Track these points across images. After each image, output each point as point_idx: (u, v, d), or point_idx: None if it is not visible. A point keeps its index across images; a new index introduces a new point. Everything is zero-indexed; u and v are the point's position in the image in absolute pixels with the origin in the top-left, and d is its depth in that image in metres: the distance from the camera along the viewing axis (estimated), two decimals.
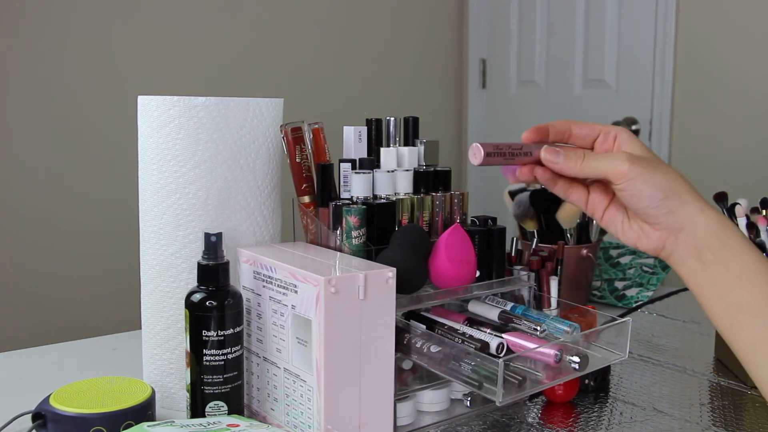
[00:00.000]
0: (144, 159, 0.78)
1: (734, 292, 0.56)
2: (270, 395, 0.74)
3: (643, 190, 0.57)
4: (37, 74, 2.08)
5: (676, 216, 0.57)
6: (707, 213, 0.57)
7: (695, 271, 0.58)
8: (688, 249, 0.58)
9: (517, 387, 0.67)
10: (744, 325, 0.55)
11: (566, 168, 0.59)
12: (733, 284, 0.56)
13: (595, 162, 0.58)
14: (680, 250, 0.58)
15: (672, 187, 0.57)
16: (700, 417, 0.79)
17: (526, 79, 2.85)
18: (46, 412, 0.66)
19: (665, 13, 2.35)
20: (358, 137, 0.83)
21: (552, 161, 0.60)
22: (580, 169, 0.59)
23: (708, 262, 0.57)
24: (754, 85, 2.16)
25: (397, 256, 0.73)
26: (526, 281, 0.83)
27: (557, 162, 0.59)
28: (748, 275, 0.56)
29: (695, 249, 0.57)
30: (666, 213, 0.57)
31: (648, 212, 0.58)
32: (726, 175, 2.21)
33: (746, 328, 0.55)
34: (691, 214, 0.57)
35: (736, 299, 0.56)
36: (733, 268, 0.56)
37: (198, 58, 2.36)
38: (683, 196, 0.57)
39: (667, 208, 0.57)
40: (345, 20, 2.72)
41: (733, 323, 0.56)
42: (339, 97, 2.67)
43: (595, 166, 0.58)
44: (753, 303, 0.55)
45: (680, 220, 0.57)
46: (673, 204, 0.57)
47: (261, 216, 0.79)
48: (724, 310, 0.57)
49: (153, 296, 0.79)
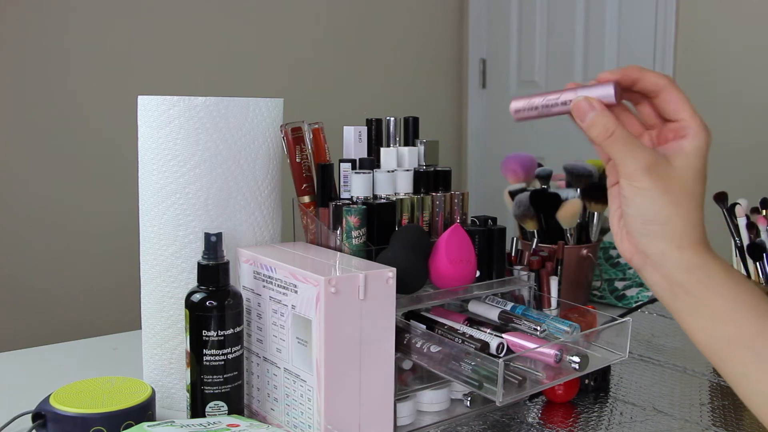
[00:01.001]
0: (144, 159, 0.78)
1: (718, 327, 0.53)
2: (270, 395, 0.74)
3: (635, 201, 0.53)
4: (37, 74, 2.08)
5: (649, 241, 0.54)
6: (686, 251, 0.53)
7: (667, 300, 0.55)
8: (655, 278, 0.54)
9: (517, 387, 0.67)
10: (732, 357, 0.53)
11: (589, 131, 0.53)
12: (715, 319, 0.53)
13: (618, 146, 0.52)
14: (647, 274, 0.55)
15: (665, 218, 0.52)
16: (700, 417, 0.79)
17: (526, 79, 2.85)
18: (46, 412, 0.66)
19: (665, 13, 2.35)
20: (358, 137, 0.83)
21: (579, 115, 0.53)
22: (601, 141, 0.53)
23: (680, 297, 0.54)
24: (754, 85, 2.16)
25: (397, 256, 0.73)
26: (526, 281, 0.83)
27: (583, 119, 0.53)
28: (732, 311, 0.52)
29: (664, 281, 0.54)
30: (642, 234, 0.54)
31: (627, 220, 0.55)
32: (726, 175, 2.20)
33: (735, 359, 0.53)
34: (664, 248, 0.53)
35: (721, 333, 0.53)
36: (714, 305, 0.53)
37: (198, 58, 2.36)
38: (671, 231, 0.53)
39: (645, 231, 0.53)
40: (345, 20, 2.72)
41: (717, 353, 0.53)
42: (339, 97, 2.67)
43: (616, 150, 0.52)
44: (740, 337, 0.52)
45: (650, 249, 0.54)
46: (653, 232, 0.53)
47: (261, 216, 0.79)
48: (709, 341, 0.54)
49: (153, 296, 0.79)
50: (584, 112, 0.53)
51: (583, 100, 0.53)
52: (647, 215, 0.53)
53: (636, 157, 0.52)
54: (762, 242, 0.91)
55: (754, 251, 0.92)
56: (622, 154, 0.52)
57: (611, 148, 0.53)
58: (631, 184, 0.52)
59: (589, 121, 0.53)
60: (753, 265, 0.93)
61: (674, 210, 0.52)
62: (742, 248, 0.94)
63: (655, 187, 0.52)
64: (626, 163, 0.52)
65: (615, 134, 0.52)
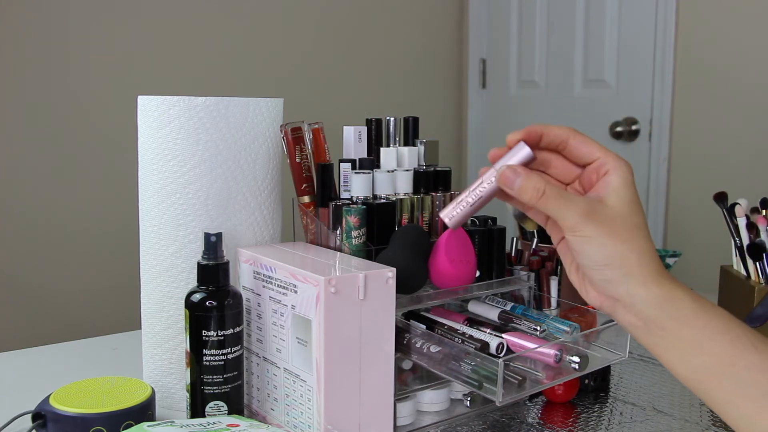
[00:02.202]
0: (144, 159, 0.78)
1: (694, 358, 0.52)
2: (270, 395, 0.74)
3: (585, 250, 0.53)
4: (37, 74, 2.08)
5: (613, 286, 0.53)
6: (650, 286, 0.52)
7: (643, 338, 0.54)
8: (628, 318, 0.54)
9: (517, 387, 0.67)
10: (712, 386, 0.52)
11: (521, 196, 0.53)
12: (690, 351, 0.52)
13: (552, 203, 0.53)
14: (619, 316, 0.55)
15: (619, 258, 0.52)
16: (700, 417, 0.79)
17: (526, 79, 2.85)
18: (46, 412, 0.66)
19: (665, 13, 2.35)
20: (358, 137, 0.83)
21: (507, 184, 0.54)
22: (535, 202, 0.53)
23: (654, 333, 0.53)
24: (754, 85, 2.16)
25: (397, 256, 0.73)
26: (526, 281, 0.83)
27: (512, 187, 0.53)
28: (706, 340, 0.52)
29: (637, 319, 0.53)
30: (603, 280, 0.53)
31: (586, 271, 0.54)
32: (726, 175, 2.21)
33: (715, 388, 0.52)
34: (629, 287, 0.53)
35: (697, 363, 0.52)
36: (686, 337, 0.52)
37: (198, 58, 2.36)
38: (628, 268, 0.52)
39: (605, 276, 0.53)
40: (345, 20, 2.72)
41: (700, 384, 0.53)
42: (339, 97, 2.67)
43: (551, 207, 0.53)
44: (716, 365, 0.52)
45: (616, 291, 0.53)
46: (612, 274, 0.53)
47: (261, 216, 0.79)
48: (687, 372, 0.53)
49: (153, 296, 0.79)
50: (511, 181, 0.54)
51: (507, 169, 0.54)
52: (601, 260, 0.53)
53: (572, 209, 0.52)
54: (762, 242, 0.91)
55: (754, 251, 0.92)
56: (558, 208, 0.53)
57: (546, 206, 0.53)
58: (575, 235, 0.53)
59: (518, 187, 0.53)
60: (753, 265, 0.93)
61: (626, 247, 0.52)
62: (742, 248, 0.94)
63: (599, 231, 0.52)
64: (565, 216, 0.53)
65: (546, 192, 0.53)
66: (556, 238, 0.59)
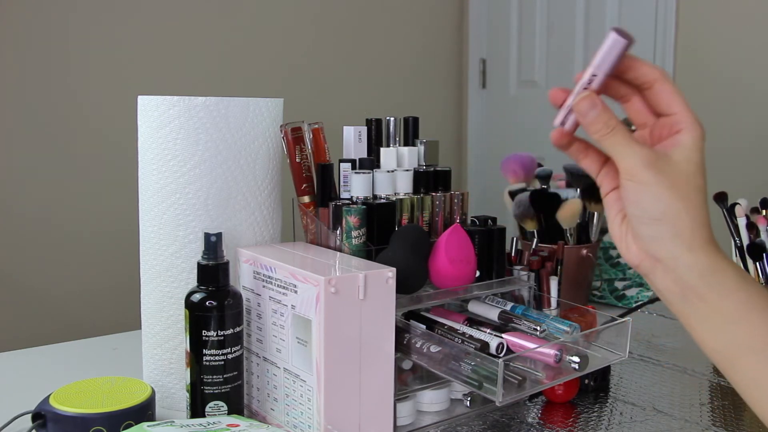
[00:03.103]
0: (144, 159, 0.78)
1: (729, 332, 0.51)
2: (270, 395, 0.74)
3: (640, 200, 0.51)
4: (37, 74, 2.08)
5: (659, 244, 0.51)
6: (697, 253, 0.51)
7: (677, 305, 0.53)
8: (665, 282, 0.52)
9: (517, 387, 0.67)
10: (742, 363, 0.51)
11: (591, 127, 0.52)
12: (726, 324, 0.51)
13: (619, 141, 0.51)
14: (657, 279, 0.53)
15: (673, 215, 0.50)
16: (700, 417, 0.79)
17: (526, 79, 2.85)
18: (46, 412, 0.66)
19: (665, 13, 2.35)
20: (358, 137, 0.83)
21: (582, 111, 0.52)
22: (601, 137, 0.52)
23: (691, 302, 0.52)
24: (754, 85, 2.16)
25: (397, 256, 0.73)
26: (526, 281, 0.83)
27: (587, 115, 0.52)
28: (744, 314, 0.51)
29: (675, 285, 0.52)
30: (651, 236, 0.51)
31: (635, 223, 0.52)
32: (726, 175, 2.20)
33: (746, 365, 0.51)
34: (675, 249, 0.51)
35: (732, 338, 0.51)
36: (725, 309, 0.51)
37: (198, 58, 2.36)
38: (679, 228, 0.50)
39: (654, 232, 0.51)
40: (345, 20, 2.72)
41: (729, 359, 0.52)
42: (339, 97, 2.67)
43: (616, 145, 0.51)
44: (752, 341, 0.50)
45: (662, 250, 0.51)
46: (662, 230, 0.51)
47: (261, 216, 0.79)
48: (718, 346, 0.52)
49: (153, 296, 0.79)
50: (586, 110, 0.52)
51: (585, 99, 0.53)
52: (654, 213, 0.51)
53: (634, 151, 0.51)
54: (762, 242, 0.92)
55: (754, 251, 0.92)
56: (622, 148, 0.51)
57: (612, 143, 0.51)
58: (633, 180, 0.51)
59: (591, 118, 0.52)
60: (753, 265, 0.93)
61: (682, 205, 0.50)
62: (742, 248, 0.94)
63: (659, 182, 0.50)
64: (627, 157, 0.51)
65: (615, 130, 0.51)
66: (607, 187, 0.56)
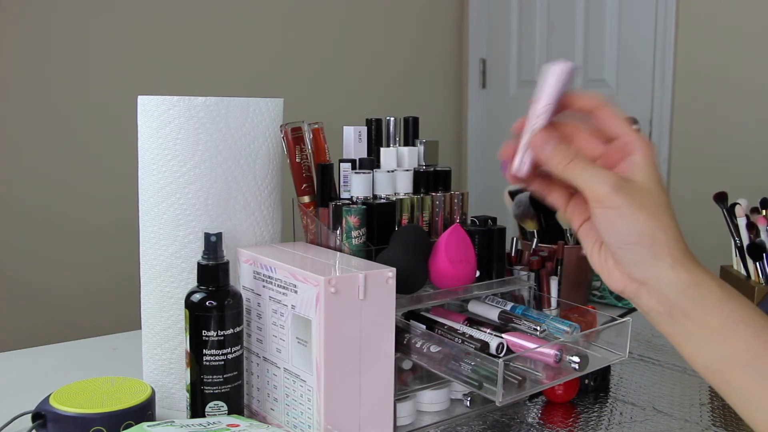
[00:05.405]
0: (144, 159, 0.78)
1: (716, 347, 0.51)
2: (270, 395, 0.74)
3: (614, 225, 0.51)
4: (37, 74, 2.08)
5: (640, 267, 0.51)
6: (678, 270, 0.50)
7: (664, 325, 0.53)
8: (651, 304, 0.52)
9: (517, 387, 0.67)
10: (731, 377, 0.51)
11: (551, 161, 0.52)
12: (713, 339, 0.51)
13: (582, 168, 0.51)
14: (642, 301, 0.53)
15: (650, 235, 0.50)
16: (700, 417, 0.79)
17: (526, 79, 2.85)
18: (46, 412, 0.66)
19: (665, 13, 2.35)
20: (358, 137, 0.83)
21: (538, 147, 0.52)
22: (563, 169, 0.52)
23: (678, 320, 0.52)
24: (754, 85, 2.16)
25: (397, 256, 0.73)
26: (526, 281, 0.83)
27: (544, 150, 0.52)
28: (730, 329, 0.50)
29: (660, 305, 0.52)
30: (631, 260, 0.51)
31: (614, 250, 0.52)
32: (726, 175, 2.21)
33: (734, 380, 0.51)
34: (656, 269, 0.51)
35: (719, 353, 0.51)
36: (711, 325, 0.51)
37: (198, 58, 2.36)
38: (657, 247, 0.50)
39: (634, 255, 0.51)
40: (345, 20, 2.72)
41: (719, 375, 0.52)
42: (339, 97, 2.67)
43: (581, 172, 0.51)
44: (738, 355, 0.50)
45: (644, 272, 0.51)
46: (642, 252, 0.51)
47: (261, 216, 0.79)
48: (707, 362, 0.52)
49: (153, 296, 0.79)
50: (541, 145, 0.53)
51: (539, 134, 0.53)
52: (631, 237, 0.51)
53: (600, 176, 0.51)
54: (762, 242, 0.92)
55: (754, 251, 0.92)
56: (586, 177, 0.51)
57: (574, 173, 0.51)
58: (603, 205, 0.50)
59: (548, 151, 0.52)
60: (753, 265, 0.93)
61: (655, 224, 0.50)
62: (742, 248, 0.94)
63: (629, 204, 0.50)
64: (592, 185, 0.51)
65: (576, 159, 0.52)
66: (578, 220, 0.56)
